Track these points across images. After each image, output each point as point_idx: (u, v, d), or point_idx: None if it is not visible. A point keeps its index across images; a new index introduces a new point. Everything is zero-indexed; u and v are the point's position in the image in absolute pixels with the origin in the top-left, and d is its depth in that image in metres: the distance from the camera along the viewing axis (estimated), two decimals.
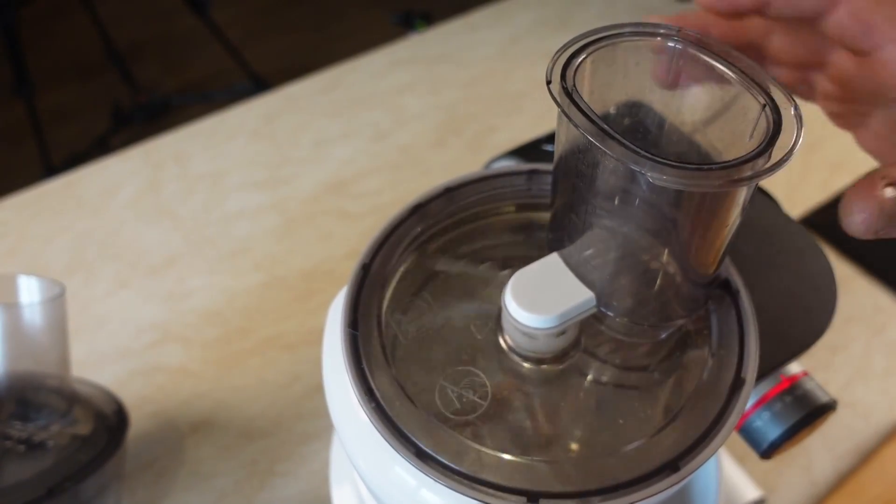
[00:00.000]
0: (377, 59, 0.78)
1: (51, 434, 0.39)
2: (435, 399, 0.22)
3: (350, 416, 0.23)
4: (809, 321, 0.27)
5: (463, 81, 0.74)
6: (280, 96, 0.74)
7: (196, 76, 1.84)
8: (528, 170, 0.27)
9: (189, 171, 0.66)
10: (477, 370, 0.23)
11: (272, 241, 0.59)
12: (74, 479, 0.36)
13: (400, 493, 0.21)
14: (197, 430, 0.48)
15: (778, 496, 0.43)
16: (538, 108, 0.71)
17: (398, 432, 0.20)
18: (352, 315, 0.23)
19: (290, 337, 0.53)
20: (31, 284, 0.40)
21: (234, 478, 0.45)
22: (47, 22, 1.93)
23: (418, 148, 0.67)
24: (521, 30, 0.81)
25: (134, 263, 0.58)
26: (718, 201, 0.19)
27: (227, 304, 0.55)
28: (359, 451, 0.22)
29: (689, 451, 0.20)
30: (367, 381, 0.21)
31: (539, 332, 0.22)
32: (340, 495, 0.37)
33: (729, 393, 0.21)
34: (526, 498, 0.19)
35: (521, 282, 0.22)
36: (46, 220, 0.62)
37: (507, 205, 0.27)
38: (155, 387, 0.50)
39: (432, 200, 0.26)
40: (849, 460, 0.45)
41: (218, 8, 1.57)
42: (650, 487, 0.19)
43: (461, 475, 0.19)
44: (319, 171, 0.65)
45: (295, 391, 0.50)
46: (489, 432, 0.21)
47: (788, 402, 0.26)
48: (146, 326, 0.54)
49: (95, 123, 1.61)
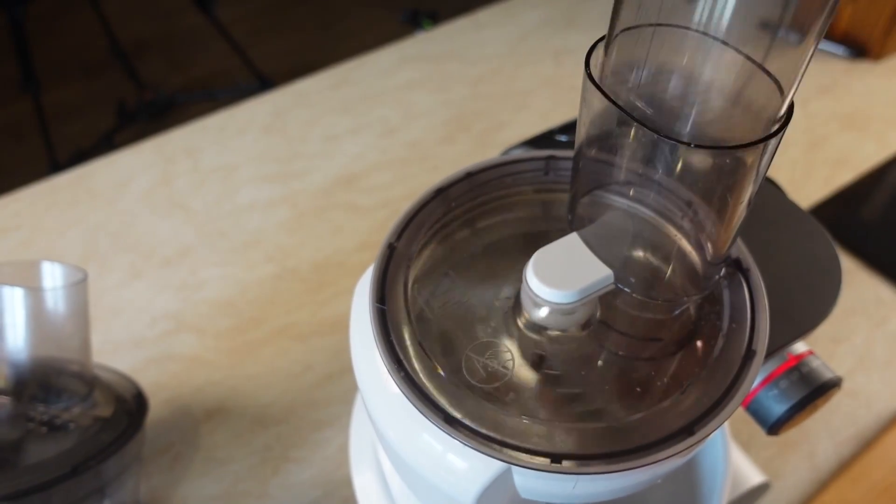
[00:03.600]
0: (385, 56, 0.79)
1: (72, 416, 0.40)
2: (460, 369, 0.23)
3: (379, 388, 0.24)
4: (815, 302, 0.28)
5: (470, 79, 0.75)
6: (290, 92, 0.75)
7: (201, 74, 1.85)
8: (546, 156, 0.28)
9: (201, 164, 0.67)
10: (500, 342, 0.24)
11: (283, 234, 0.60)
12: (97, 459, 0.37)
13: (428, 459, 0.22)
14: (211, 417, 0.49)
15: (782, 481, 0.44)
16: (544, 104, 0.72)
17: (427, 399, 0.21)
18: (380, 291, 0.24)
19: (301, 327, 0.54)
20: (55, 270, 0.41)
21: (248, 463, 0.46)
22: (53, 19, 1.94)
23: (427, 143, 0.68)
24: (527, 28, 0.82)
25: (147, 255, 0.59)
26: (737, 174, 0.20)
27: (240, 294, 0.56)
28: (387, 421, 0.23)
29: (703, 416, 0.21)
30: (396, 352, 0.22)
31: (559, 307, 0.23)
32: (362, 482, 0.38)
33: (741, 364, 0.22)
34: (550, 459, 0.20)
35: (541, 259, 0.23)
36: (60, 213, 0.63)
37: (526, 188, 0.28)
38: (170, 374, 0.51)
39: (454, 184, 0.27)
40: (851, 447, 0.46)
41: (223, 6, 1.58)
42: (667, 450, 0.20)
43: (487, 438, 0.20)
44: (330, 166, 0.66)
45: (307, 379, 0.51)
46: (513, 399, 0.22)
47: (795, 378, 0.27)
48: (160, 316, 0.55)
49: (100, 120, 1.62)
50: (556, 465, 0.20)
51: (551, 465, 0.20)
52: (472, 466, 0.21)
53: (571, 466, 0.20)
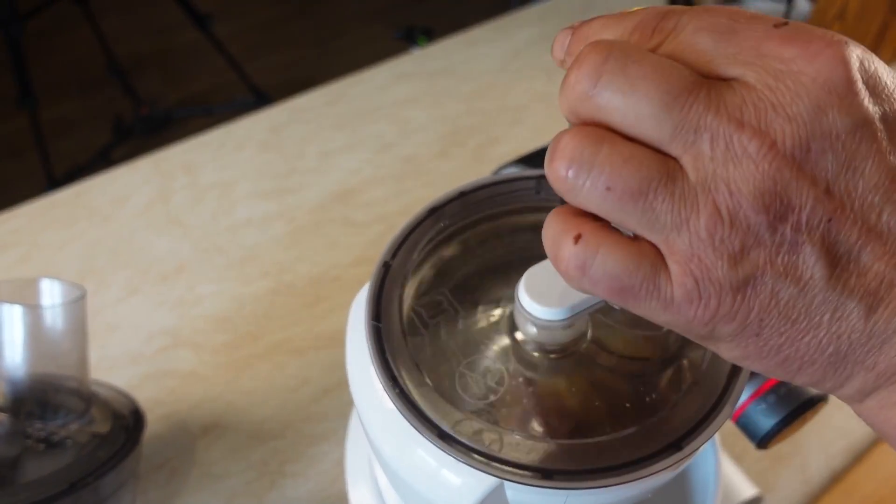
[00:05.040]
0: (381, 72, 0.80)
1: (70, 432, 0.40)
2: (454, 385, 0.23)
3: (374, 404, 0.24)
4: None
5: (465, 94, 0.76)
6: (286, 108, 0.75)
7: (197, 90, 1.86)
8: (538, 175, 0.29)
9: (198, 180, 0.67)
10: (493, 359, 0.24)
11: (280, 249, 0.61)
12: (94, 475, 0.37)
13: (422, 474, 0.23)
14: (208, 433, 0.49)
15: (774, 494, 0.45)
16: (538, 120, 0.73)
17: (421, 416, 0.22)
18: (375, 309, 0.24)
19: (298, 342, 0.54)
20: (53, 287, 0.41)
21: (244, 478, 0.46)
22: (50, 36, 1.95)
23: (422, 159, 0.69)
24: (520, 45, 0.83)
25: (144, 271, 0.59)
26: None
27: (237, 310, 0.56)
28: (383, 437, 0.24)
29: (691, 431, 0.21)
30: (391, 369, 0.23)
31: (550, 324, 0.23)
32: (358, 497, 0.38)
33: (728, 378, 0.23)
34: (541, 474, 0.20)
35: (533, 277, 0.24)
36: (57, 229, 0.63)
37: (519, 207, 0.29)
38: (166, 390, 0.51)
39: (448, 203, 0.28)
40: (842, 459, 0.47)
41: (220, 22, 1.60)
42: (656, 465, 0.20)
43: (480, 454, 0.21)
44: (326, 181, 0.67)
45: (304, 394, 0.51)
46: (505, 416, 0.23)
47: (783, 393, 0.28)
48: (157, 332, 0.55)
49: (97, 136, 1.63)
50: (547, 481, 0.20)
51: (542, 481, 0.20)
52: (466, 482, 0.22)
53: (562, 481, 0.20)
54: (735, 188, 0.15)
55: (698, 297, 0.16)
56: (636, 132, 0.16)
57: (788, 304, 0.16)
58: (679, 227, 0.16)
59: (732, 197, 0.15)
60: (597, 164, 0.16)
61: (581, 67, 0.16)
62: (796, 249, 0.15)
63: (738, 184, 0.15)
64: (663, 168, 0.16)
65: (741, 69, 0.16)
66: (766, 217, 0.15)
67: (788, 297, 0.16)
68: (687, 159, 0.16)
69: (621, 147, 0.16)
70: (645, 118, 0.16)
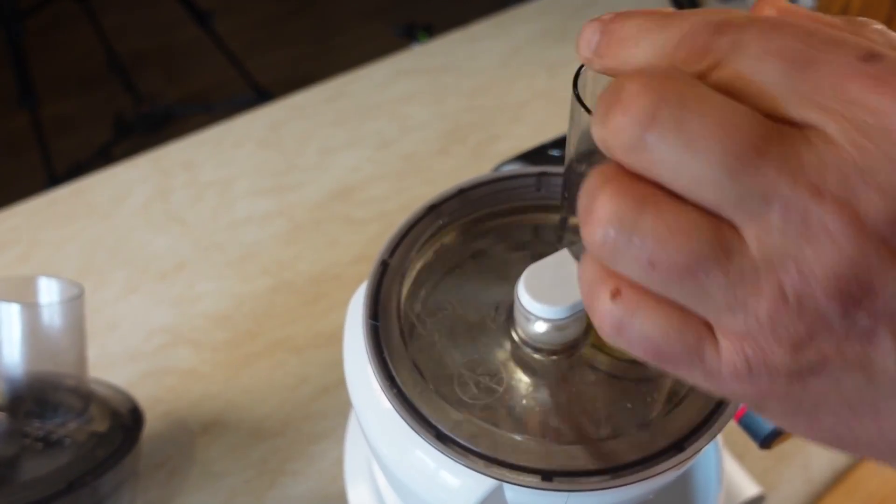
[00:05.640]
0: (381, 69, 0.79)
1: (68, 431, 0.40)
2: (453, 385, 0.23)
3: (372, 403, 0.24)
4: None
5: (465, 91, 0.76)
6: (286, 105, 0.75)
7: (198, 87, 1.85)
8: (537, 172, 0.29)
9: (197, 178, 0.67)
10: (492, 359, 0.24)
11: (279, 247, 0.61)
12: (93, 474, 0.37)
13: (420, 475, 0.22)
14: (208, 431, 0.49)
15: (777, 493, 0.45)
16: (539, 117, 0.73)
17: (419, 416, 0.21)
18: (373, 307, 0.24)
19: (297, 340, 0.54)
20: (51, 286, 0.41)
21: (244, 477, 0.46)
22: (51, 33, 1.95)
23: (422, 156, 0.69)
24: (521, 41, 0.83)
25: (144, 269, 0.59)
26: None
27: (236, 308, 0.56)
28: (380, 437, 0.23)
29: (693, 432, 0.21)
30: (389, 368, 0.23)
31: (550, 322, 0.23)
32: (357, 496, 0.38)
33: None
34: (540, 476, 0.20)
35: (533, 275, 0.23)
36: (57, 227, 0.63)
37: (518, 205, 0.29)
38: (166, 388, 0.51)
39: (447, 201, 0.28)
40: (845, 458, 0.46)
41: (220, 19, 1.59)
42: (657, 466, 0.20)
43: (479, 455, 0.21)
44: (325, 179, 0.67)
45: (303, 392, 0.51)
46: (504, 416, 0.22)
47: None
48: (156, 330, 0.55)
49: (98, 133, 1.62)
50: (547, 483, 0.20)
51: (542, 483, 0.20)
52: (465, 483, 0.22)
53: (562, 483, 0.20)
54: (807, 269, 0.13)
55: (748, 375, 0.14)
56: (690, 195, 0.13)
57: (853, 393, 0.14)
58: (734, 308, 0.13)
59: (803, 279, 0.13)
60: (637, 233, 0.13)
61: (627, 111, 0.13)
62: (870, 338, 0.13)
63: (810, 264, 0.13)
64: (718, 239, 0.13)
65: (820, 116, 0.13)
66: (840, 304, 0.13)
67: (854, 386, 0.14)
68: (750, 231, 0.13)
69: (668, 214, 0.13)
70: (704, 183, 0.13)
